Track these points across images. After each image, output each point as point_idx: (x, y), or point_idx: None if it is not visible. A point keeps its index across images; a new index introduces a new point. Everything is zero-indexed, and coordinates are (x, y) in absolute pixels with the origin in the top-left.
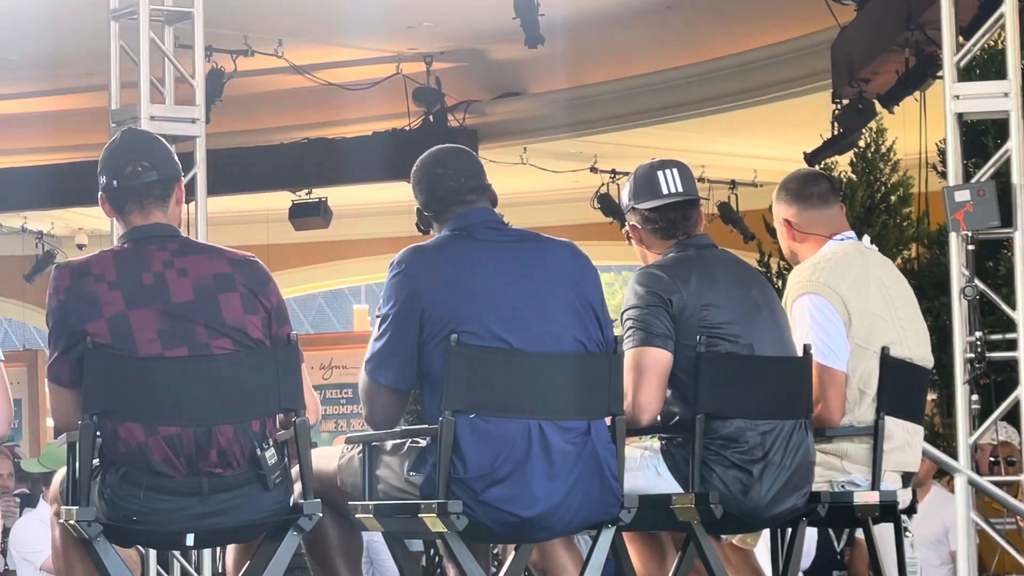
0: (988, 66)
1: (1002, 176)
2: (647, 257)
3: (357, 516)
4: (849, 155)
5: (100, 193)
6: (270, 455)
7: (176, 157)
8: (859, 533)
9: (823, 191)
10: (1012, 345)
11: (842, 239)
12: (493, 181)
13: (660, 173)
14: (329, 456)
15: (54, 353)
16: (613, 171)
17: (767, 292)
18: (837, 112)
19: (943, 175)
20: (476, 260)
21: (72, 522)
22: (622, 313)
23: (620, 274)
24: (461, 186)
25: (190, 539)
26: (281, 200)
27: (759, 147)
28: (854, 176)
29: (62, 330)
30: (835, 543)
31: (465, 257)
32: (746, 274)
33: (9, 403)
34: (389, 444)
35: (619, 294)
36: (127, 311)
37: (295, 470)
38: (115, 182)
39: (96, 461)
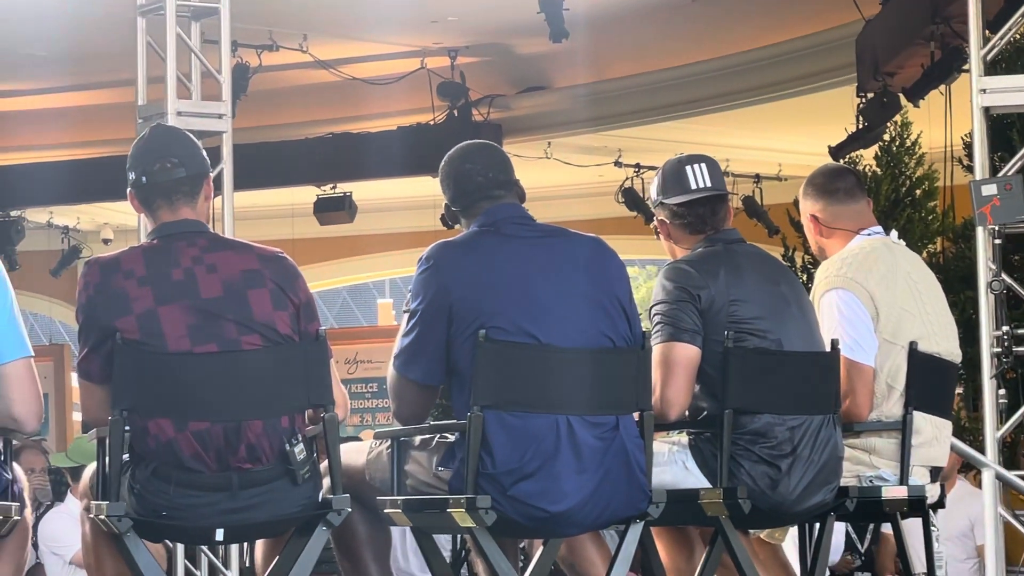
0: (1015, 60)
1: None
2: (675, 252)
3: (386, 511)
4: (874, 149)
5: (129, 189)
6: (299, 450)
7: (204, 153)
8: (884, 528)
9: (849, 186)
10: None
11: (869, 234)
12: (517, 175)
13: (688, 168)
14: (358, 451)
15: (84, 349)
16: (637, 165)
17: (795, 287)
18: (862, 106)
19: (968, 169)
20: (504, 255)
21: (102, 517)
22: (650, 308)
23: (644, 268)
24: (489, 181)
25: (219, 534)
26: (306, 195)
27: (784, 141)
28: (879, 170)
29: (92, 326)
30: (858, 543)
31: (493, 252)
32: (774, 269)
33: (39, 399)
34: (418, 439)
35: (643, 288)
36: (156, 307)
37: (324, 465)
38: (144, 178)
39: (126, 456)
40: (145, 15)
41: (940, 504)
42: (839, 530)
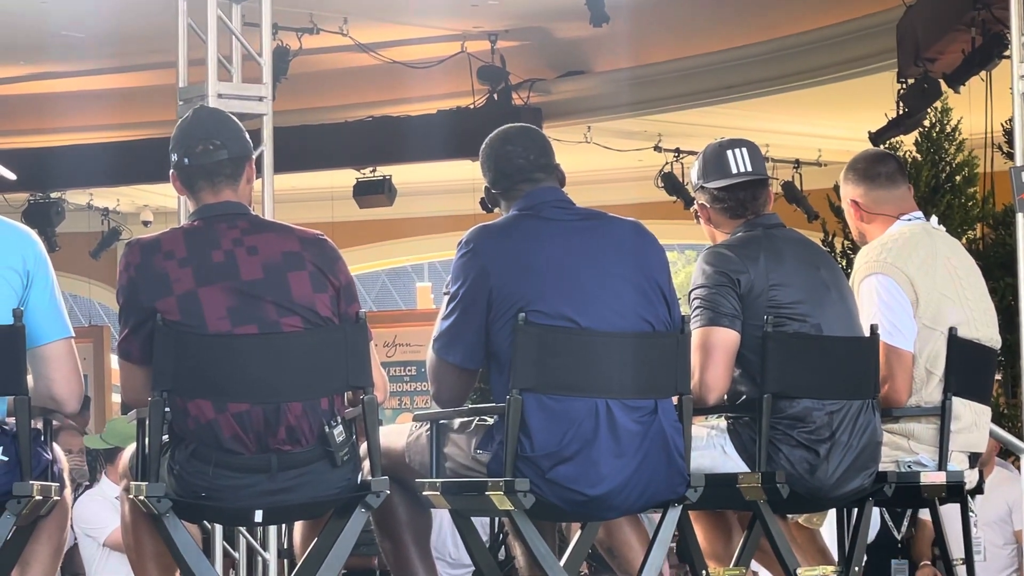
0: None
1: None
2: (715, 236)
3: (424, 494)
4: (914, 135)
5: (171, 170)
6: (338, 432)
7: (247, 136)
8: (922, 514)
9: (891, 171)
10: None
11: (910, 219)
12: (556, 159)
13: (729, 152)
14: (397, 434)
15: (124, 330)
16: (677, 150)
17: (835, 272)
18: (902, 91)
19: (1008, 155)
20: (544, 239)
21: (141, 498)
22: (690, 292)
23: (683, 253)
24: (530, 164)
25: (259, 516)
26: (345, 178)
27: (823, 126)
28: (919, 156)
29: (132, 307)
30: (895, 531)
31: (533, 236)
32: (814, 254)
33: (80, 379)
34: (457, 422)
35: (682, 273)
36: (197, 288)
37: (363, 447)
38: (186, 160)
39: (165, 437)
40: None
41: (978, 490)
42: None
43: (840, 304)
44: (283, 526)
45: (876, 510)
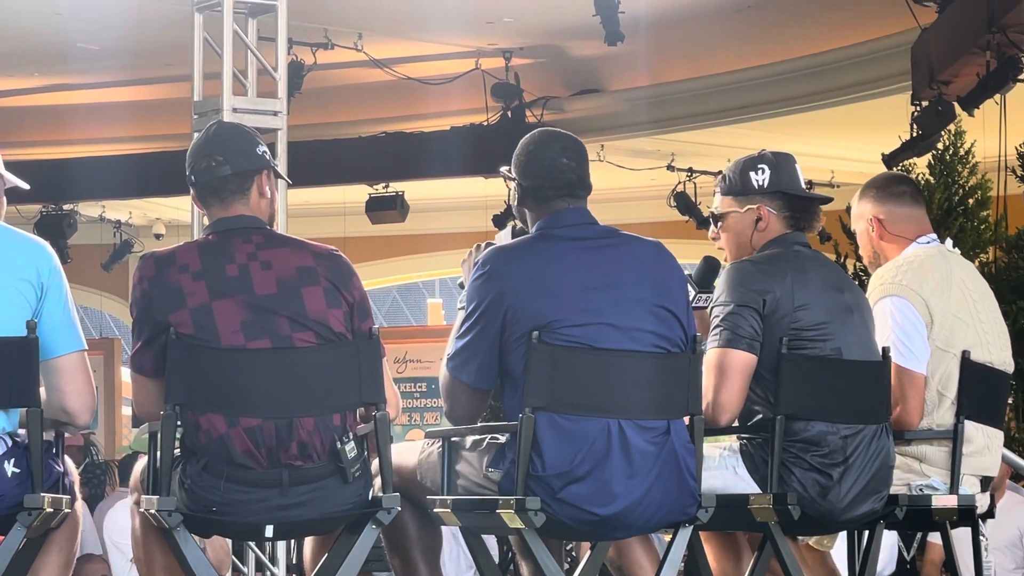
0: None
1: None
2: (746, 237)
3: (435, 511)
4: (927, 157)
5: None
6: (350, 448)
7: (262, 150)
8: (931, 537)
9: (913, 191)
10: None
11: (928, 242)
12: None
13: (797, 167)
14: (409, 451)
15: (137, 343)
16: (690, 169)
17: (859, 296)
18: (916, 114)
19: (1022, 179)
20: (559, 259)
21: (152, 511)
22: (712, 306)
23: None
24: (578, 181)
25: (269, 531)
26: (358, 193)
27: (837, 148)
28: (932, 178)
29: (146, 320)
30: (905, 552)
31: (548, 256)
32: (839, 277)
33: (92, 392)
34: (468, 440)
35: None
36: (210, 302)
37: (375, 464)
38: (192, 177)
39: (177, 451)
40: (202, 11)
41: (990, 514)
42: (891, 546)
43: (862, 328)
44: (293, 541)
45: (891, 541)
